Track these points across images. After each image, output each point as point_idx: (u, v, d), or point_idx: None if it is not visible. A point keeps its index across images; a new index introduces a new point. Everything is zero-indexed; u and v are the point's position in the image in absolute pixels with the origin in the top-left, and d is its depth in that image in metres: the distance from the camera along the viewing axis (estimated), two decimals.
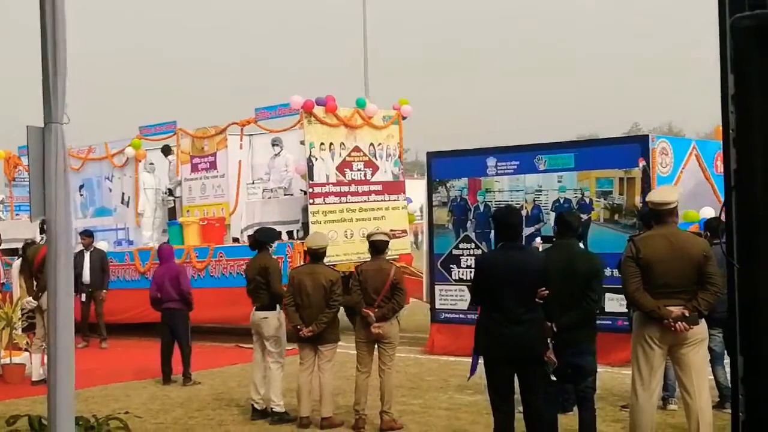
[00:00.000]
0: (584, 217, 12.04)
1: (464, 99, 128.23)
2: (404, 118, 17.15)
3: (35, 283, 12.77)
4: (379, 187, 16.69)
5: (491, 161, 13.51)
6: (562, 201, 12.85)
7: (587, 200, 12.53)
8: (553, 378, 7.29)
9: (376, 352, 9.36)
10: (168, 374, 12.24)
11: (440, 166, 14.19)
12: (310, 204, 15.63)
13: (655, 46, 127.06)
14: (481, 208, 13.60)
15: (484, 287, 7.18)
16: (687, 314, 6.90)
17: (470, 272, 12.29)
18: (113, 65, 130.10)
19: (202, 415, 10.30)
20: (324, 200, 15.87)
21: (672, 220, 7.18)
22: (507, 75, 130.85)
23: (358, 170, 16.42)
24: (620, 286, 7.54)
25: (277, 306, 9.86)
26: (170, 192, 18.37)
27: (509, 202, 13.04)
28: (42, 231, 15.94)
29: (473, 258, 12.98)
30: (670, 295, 6.97)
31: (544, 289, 7.08)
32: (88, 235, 16.47)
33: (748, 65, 2.55)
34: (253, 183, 17.37)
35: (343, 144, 16.22)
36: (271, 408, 9.81)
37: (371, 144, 16.62)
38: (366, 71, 33.44)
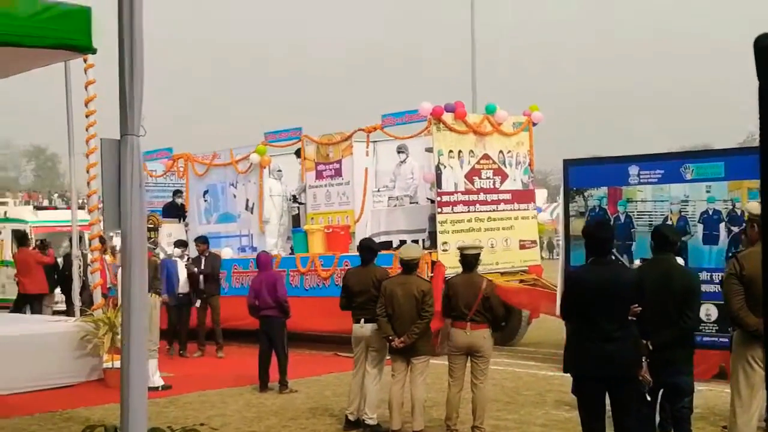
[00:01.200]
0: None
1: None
2: (534, 124, 16.64)
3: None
4: (508, 196, 16.22)
5: (633, 170, 12.89)
6: (711, 212, 12.16)
7: (738, 211, 11.80)
8: (648, 398, 7.11)
9: (468, 366, 9.23)
10: (265, 381, 12.26)
11: (577, 174, 13.62)
12: (438, 213, 15.26)
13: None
14: (622, 218, 12.99)
15: (575, 303, 7.02)
16: None
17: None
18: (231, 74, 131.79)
19: (295, 424, 10.24)
20: (452, 209, 15.48)
21: None
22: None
23: (487, 178, 15.98)
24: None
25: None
26: (295, 199, 18.19)
27: (653, 213, 12.45)
28: (177, 246, 16.44)
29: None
30: None
31: (637, 305, 6.87)
32: (202, 241, 16.58)
33: None
34: (378, 191, 17.06)
35: (472, 151, 15.81)
36: (364, 419, 9.74)
37: (500, 151, 16.16)
38: (474, 77, 32.87)
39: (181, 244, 17.17)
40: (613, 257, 12.64)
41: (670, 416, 7.54)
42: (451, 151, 15.53)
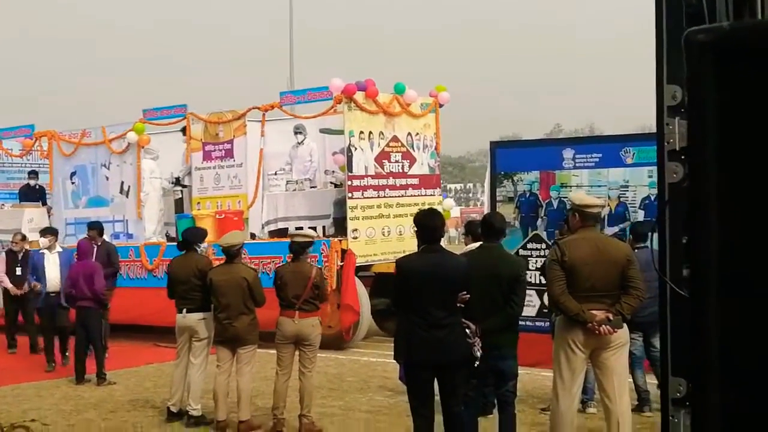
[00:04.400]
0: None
1: None
2: (441, 105, 15.81)
3: None
4: (416, 181, 15.38)
5: (568, 153, 12.18)
6: (653, 198, 11.63)
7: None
8: (474, 381, 7.31)
9: (296, 355, 9.18)
10: (81, 373, 11.88)
11: (506, 158, 12.79)
12: (349, 198, 14.26)
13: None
14: (555, 204, 12.27)
15: (404, 291, 7.06)
16: (611, 318, 6.95)
17: (540, 276, 11.13)
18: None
19: (116, 417, 9.99)
20: (362, 194, 14.48)
21: (596, 224, 7.43)
22: None
23: (396, 162, 15.09)
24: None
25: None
26: (178, 181, 16.68)
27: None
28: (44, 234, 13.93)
29: (544, 259, 11.75)
30: (594, 299, 7.04)
31: (465, 293, 7.02)
32: (95, 227, 14.27)
33: (702, 82, 2.47)
34: (275, 174, 15.82)
35: (382, 133, 14.88)
36: (187, 410, 9.54)
37: (409, 134, 15.28)
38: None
39: (49, 231, 14.58)
40: (546, 244, 12.22)
41: (493, 400, 7.88)
42: (362, 132, 14.54)
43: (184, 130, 16.38)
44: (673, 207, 2.73)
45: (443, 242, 7.86)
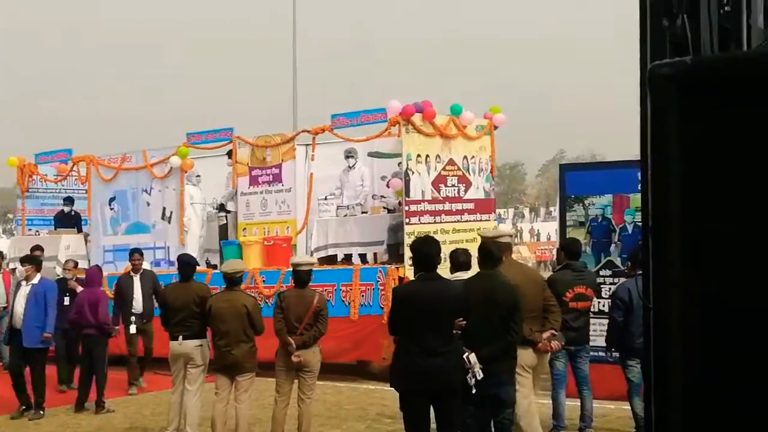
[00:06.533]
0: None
1: None
2: (496, 127, 15.29)
3: None
4: (471, 206, 14.82)
5: None
6: None
7: None
8: (470, 408, 7.32)
9: (296, 382, 9.16)
10: (82, 401, 11.82)
11: (576, 181, 12.30)
12: (407, 224, 13.64)
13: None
14: (629, 229, 11.76)
15: (401, 318, 7.07)
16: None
17: (608, 303, 10.56)
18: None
19: None
20: (419, 219, 13.92)
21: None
22: None
23: (452, 186, 14.54)
24: None
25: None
26: (222, 207, 16.13)
27: None
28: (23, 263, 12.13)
29: (617, 287, 11.15)
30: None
31: (461, 319, 7.08)
32: (138, 253, 13.68)
33: (666, 116, 2.56)
34: (325, 199, 15.28)
35: (439, 156, 14.33)
36: None
37: (464, 157, 14.76)
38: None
39: (28, 260, 12.21)
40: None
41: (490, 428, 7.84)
42: (419, 156, 13.99)
43: (230, 154, 15.84)
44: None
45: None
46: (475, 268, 8.18)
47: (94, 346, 11.73)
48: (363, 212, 14.87)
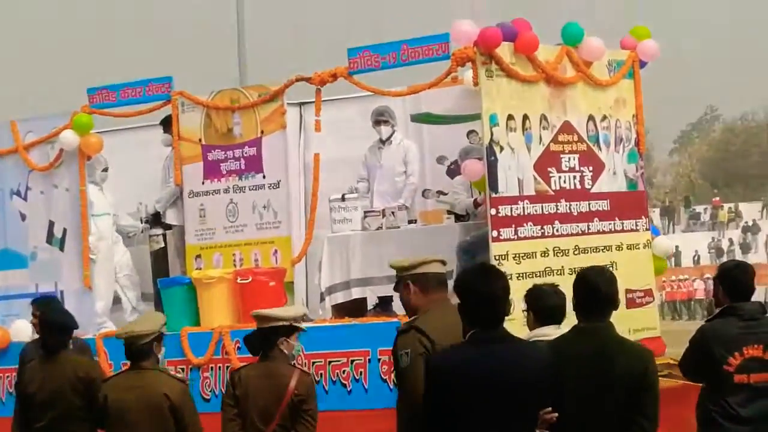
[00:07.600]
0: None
1: None
2: (644, 64, 9.23)
3: None
4: (605, 205, 8.79)
5: None
6: None
7: None
8: None
9: None
10: None
11: None
12: (493, 239, 7.95)
13: None
14: None
15: (442, 407, 4.40)
16: None
17: None
18: None
19: None
20: (515, 230, 8.17)
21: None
22: None
23: (572, 171, 8.57)
24: None
25: None
26: (156, 219, 10.11)
27: None
28: None
29: None
30: None
31: (550, 409, 4.50)
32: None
33: None
34: (342, 199, 9.10)
35: (545, 117, 8.43)
36: None
37: (590, 118, 8.75)
38: None
39: None
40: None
41: None
42: (510, 118, 8.14)
43: (167, 123, 9.95)
44: None
45: None
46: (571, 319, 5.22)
47: None
48: (410, 221, 9.16)
